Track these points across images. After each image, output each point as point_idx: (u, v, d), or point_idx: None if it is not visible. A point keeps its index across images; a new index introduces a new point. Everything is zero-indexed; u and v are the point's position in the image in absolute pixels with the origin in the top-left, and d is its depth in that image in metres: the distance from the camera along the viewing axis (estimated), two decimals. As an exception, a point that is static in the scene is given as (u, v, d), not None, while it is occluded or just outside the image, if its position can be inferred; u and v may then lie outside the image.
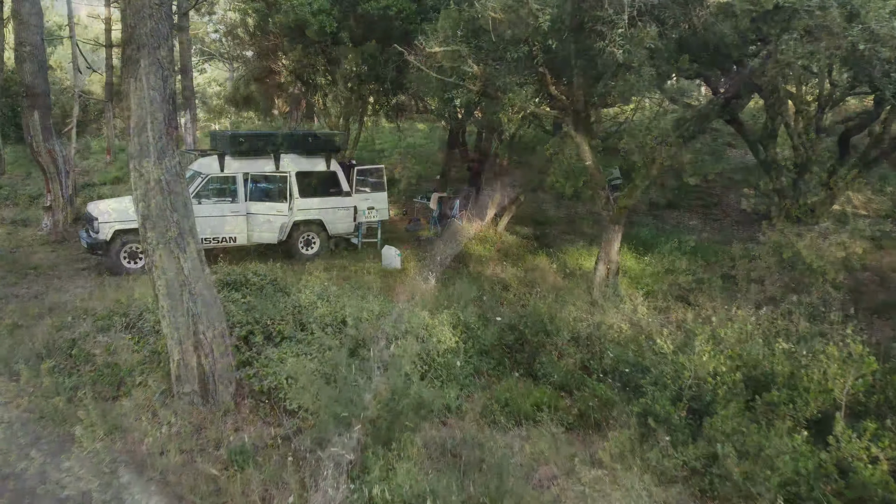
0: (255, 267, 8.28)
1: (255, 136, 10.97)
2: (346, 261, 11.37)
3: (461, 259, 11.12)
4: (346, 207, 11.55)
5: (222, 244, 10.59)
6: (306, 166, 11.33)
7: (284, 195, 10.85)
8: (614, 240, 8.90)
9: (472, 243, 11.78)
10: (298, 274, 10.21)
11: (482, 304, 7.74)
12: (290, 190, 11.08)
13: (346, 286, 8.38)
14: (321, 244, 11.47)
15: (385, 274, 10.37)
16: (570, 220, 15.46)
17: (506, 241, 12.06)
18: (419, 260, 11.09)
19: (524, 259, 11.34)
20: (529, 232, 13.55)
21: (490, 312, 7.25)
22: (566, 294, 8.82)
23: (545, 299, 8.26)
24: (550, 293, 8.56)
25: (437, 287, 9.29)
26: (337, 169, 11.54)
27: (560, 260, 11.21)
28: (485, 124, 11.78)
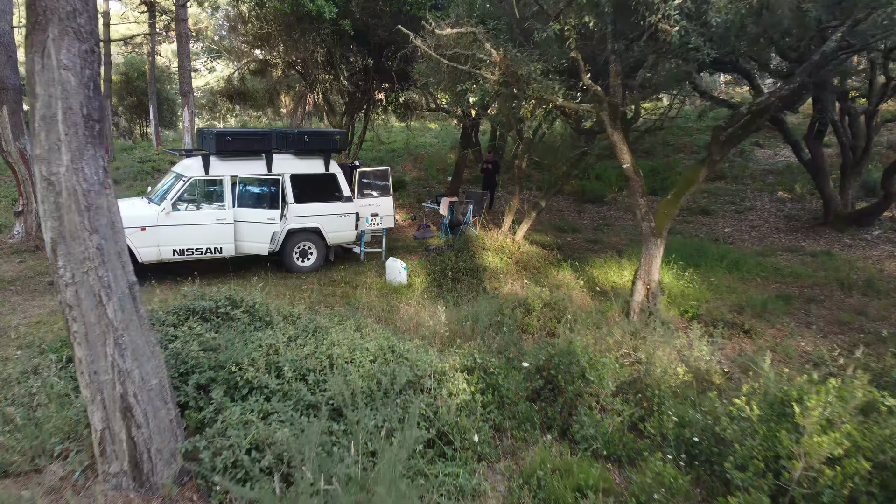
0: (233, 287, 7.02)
1: (244, 134, 9.71)
2: (347, 274, 10.09)
3: (475, 273, 9.80)
4: (347, 214, 10.26)
5: (206, 255, 9.33)
6: (302, 168, 10.06)
7: (277, 200, 9.58)
8: (656, 255, 7.53)
9: (487, 254, 10.46)
10: (290, 290, 8.95)
11: (501, 335, 6.41)
12: (284, 195, 9.82)
13: (339, 310, 7.09)
14: (319, 255, 10.19)
15: (388, 291, 9.08)
16: (595, 228, 14.08)
17: (525, 251, 10.73)
18: (428, 274, 9.78)
19: (546, 273, 9.99)
20: (550, 241, 12.20)
21: (512, 348, 5.92)
22: (599, 319, 7.49)
23: (574, 326, 6.93)
24: (581, 319, 7.22)
25: (447, 309, 7.98)
26: (337, 171, 10.26)
27: (587, 275, 9.85)
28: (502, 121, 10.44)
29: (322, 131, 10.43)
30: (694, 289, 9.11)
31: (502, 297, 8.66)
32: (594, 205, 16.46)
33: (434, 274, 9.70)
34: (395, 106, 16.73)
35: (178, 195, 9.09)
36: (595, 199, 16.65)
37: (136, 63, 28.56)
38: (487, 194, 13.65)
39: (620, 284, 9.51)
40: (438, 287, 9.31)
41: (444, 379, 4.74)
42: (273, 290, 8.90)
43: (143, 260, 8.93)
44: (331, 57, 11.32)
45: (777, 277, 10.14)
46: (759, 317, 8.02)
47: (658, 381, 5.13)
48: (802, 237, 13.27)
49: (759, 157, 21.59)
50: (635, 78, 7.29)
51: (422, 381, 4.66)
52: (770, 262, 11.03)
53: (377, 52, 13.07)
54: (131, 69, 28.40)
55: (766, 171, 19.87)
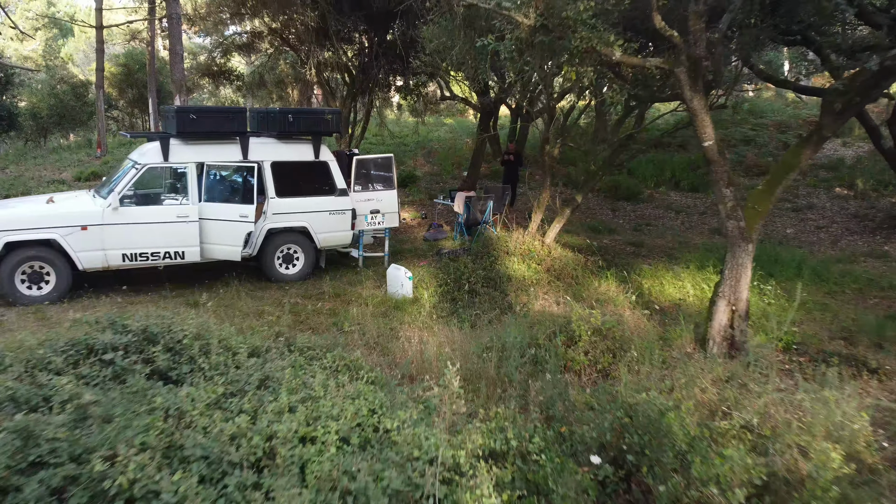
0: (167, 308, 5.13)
1: (213, 111, 7.87)
2: (340, 284, 8.17)
3: (497, 283, 7.83)
4: (342, 211, 8.35)
5: (165, 261, 7.47)
6: (286, 155, 8.16)
7: (253, 194, 7.68)
8: (745, 265, 5.49)
9: (512, 260, 8.48)
10: (265, 305, 7.04)
11: (542, 381, 4.44)
12: (263, 187, 7.94)
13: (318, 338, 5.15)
14: (306, 261, 8.28)
15: (389, 307, 7.13)
16: (635, 228, 12.02)
17: (557, 256, 8.73)
18: (439, 284, 7.83)
19: (586, 284, 7.99)
20: (584, 243, 10.19)
21: (559, 404, 3.95)
22: (668, 353, 5.50)
23: (641, 366, 4.95)
24: (644, 352, 5.23)
25: (462, 331, 6.03)
26: (329, 159, 8.35)
27: (637, 287, 7.83)
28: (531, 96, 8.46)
29: (310, 110, 8.51)
30: (777, 306, 7.06)
31: (533, 316, 6.68)
32: (629, 202, 14.40)
33: (447, 285, 7.75)
34: (405, 92, 14.81)
35: (129, 187, 7.23)
36: (629, 195, 14.58)
37: (137, 55, 26.93)
38: (509, 189, 11.67)
39: (681, 300, 7.48)
40: (452, 301, 7.35)
41: (459, 482, 2.78)
42: (243, 306, 7.01)
43: (84, 267, 7.10)
44: (324, 25, 9.43)
45: (874, 290, 8.03)
46: (878, 347, 5.96)
47: (803, 478, 3.11)
48: (883, 240, 11.11)
49: (805, 150, 19.29)
50: (718, 26, 5.27)
51: (422, 489, 2.71)
52: (857, 270, 8.92)
53: (380, 26, 11.17)
54: (132, 61, 26.76)
55: (816, 165, 17.67)
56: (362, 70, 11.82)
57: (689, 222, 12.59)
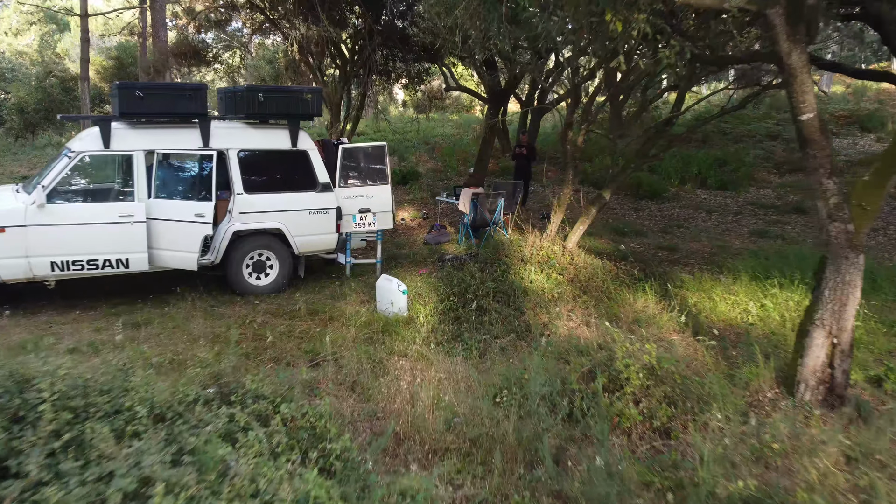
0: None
1: (164, 89, 6.45)
2: (321, 297, 6.73)
3: (511, 298, 6.38)
4: (324, 210, 6.92)
5: (105, 271, 6.06)
6: (257, 142, 6.74)
7: (211, 189, 6.25)
8: (854, 284, 3.99)
9: (529, 269, 7.01)
10: (223, 326, 5.60)
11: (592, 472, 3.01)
12: (231, 180, 6.53)
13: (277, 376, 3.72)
14: (281, 269, 6.85)
15: (378, 329, 5.68)
16: (664, 230, 10.52)
17: (581, 263, 7.27)
18: (441, 299, 6.38)
19: (619, 299, 6.51)
20: (611, 248, 8.72)
21: None
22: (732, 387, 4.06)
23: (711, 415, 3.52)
24: (717, 403, 3.79)
25: (469, 372, 4.58)
26: (309, 148, 6.92)
27: (681, 302, 6.35)
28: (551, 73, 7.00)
29: (285, 88, 7.07)
30: (862, 329, 5.56)
31: (559, 343, 5.23)
32: (653, 201, 12.90)
33: (449, 299, 6.30)
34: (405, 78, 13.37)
35: (59, 180, 5.83)
36: (653, 194, 13.08)
37: (130, 48, 25.59)
38: (521, 185, 10.21)
39: (742, 322, 6.00)
40: (455, 321, 5.90)
41: None
42: (194, 328, 5.58)
43: (2, 278, 5.70)
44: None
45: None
46: None
47: None
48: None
49: (837, 146, 17.83)
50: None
51: None
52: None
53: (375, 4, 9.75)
54: (125, 54, 25.42)
55: (851, 162, 16.12)
56: (356, 51, 10.39)
57: (723, 223, 11.08)
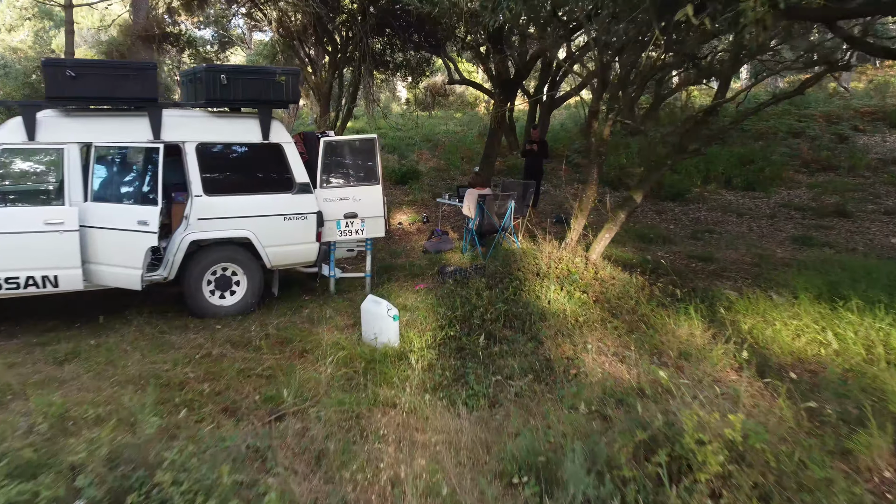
0: None
1: (102, 67, 5.30)
2: (297, 320, 5.56)
3: (526, 323, 5.20)
4: (302, 215, 5.75)
5: (28, 290, 4.90)
6: (219, 134, 5.58)
7: (157, 189, 5.09)
8: None
9: (545, 286, 5.82)
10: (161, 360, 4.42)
11: None
12: (188, 179, 5.38)
13: (177, 482, 2.58)
14: (250, 287, 5.68)
15: (361, 366, 4.50)
16: (693, 236, 9.31)
17: (607, 278, 6.07)
18: (440, 324, 5.20)
19: (657, 325, 5.30)
20: (638, 258, 7.54)
21: None
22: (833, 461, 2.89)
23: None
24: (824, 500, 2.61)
25: (476, 433, 3.41)
26: (284, 141, 5.75)
27: (731, 328, 5.14)
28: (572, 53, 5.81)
29: (254, 68, 5.91)
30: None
31: (591, 388, 4.06)
32: (675, 203, 11.70)
33: (452, 325, 5.13)
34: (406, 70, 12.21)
35: (-33, 178, 4.68)
36: (675, 195, 11.88)
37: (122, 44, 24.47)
38: (533, 186, 9.01)
39: (811, 355, 4.79)
40: (458, 354, 4.73)
41: None
42: (132, 365, 4.43)
43: None
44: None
45: None
46: None
47: None
48: None
49: (866, 143, 16.62)
50: None
51: None
52: None
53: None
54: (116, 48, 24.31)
55: (884, 160, 14.94)
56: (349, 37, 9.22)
57: (758, 228, 9.87)
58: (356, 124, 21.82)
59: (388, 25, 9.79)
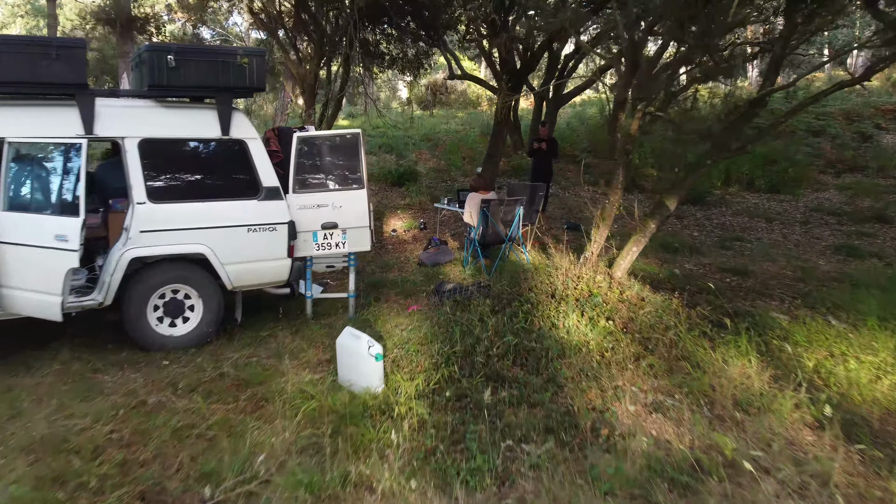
0: None
1: (15, 44, 4.30)
2: (262, 354, 4.56)
3: (541, 360, 4.19)
4: (271, 225, 4.75)
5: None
6: (168, 128, 4.57)
7: (79, 198, 4.10)
8: None
9: (561, 310, 4.81)
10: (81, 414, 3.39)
11: None
12: (128, 183, 4.38)
13: None
14: (206, 313, 4.68)
15: (333, 420, 3.50)
16: (722, 245, 8.28)
17: (634, 301, 5.05)
18: (435, 362, 4.18)
19: (701, 361, 4.28)
20: (663, 271, 6.54)
21: None
22: None
23: None
24: None
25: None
26: (248, 136, 4.75)
27: (792, 366, 4.11)
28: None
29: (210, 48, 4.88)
30: None
31: (633, 459, 3.06)
32: (696, 206, 10.69)
33: (449, 363, 4.12)
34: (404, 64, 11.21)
35: None
36: (695, 198, 10.86)
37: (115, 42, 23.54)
38: (542, 188, 8.00)
39: None
40: (457, 403, 3.73)
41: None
42: (38, 422, 3.43)
43: None
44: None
45: None
46: None
47: None
48: None
49: (890, 142, 15.61)
50: None
51: None
52: None
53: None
54: (108, 46, 23.38)
55: (912, 160, 13.92)
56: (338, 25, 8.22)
57: (792, 236, 8.85)
58: (355, 123, 20.85)
59: (383, 12, 8.80)
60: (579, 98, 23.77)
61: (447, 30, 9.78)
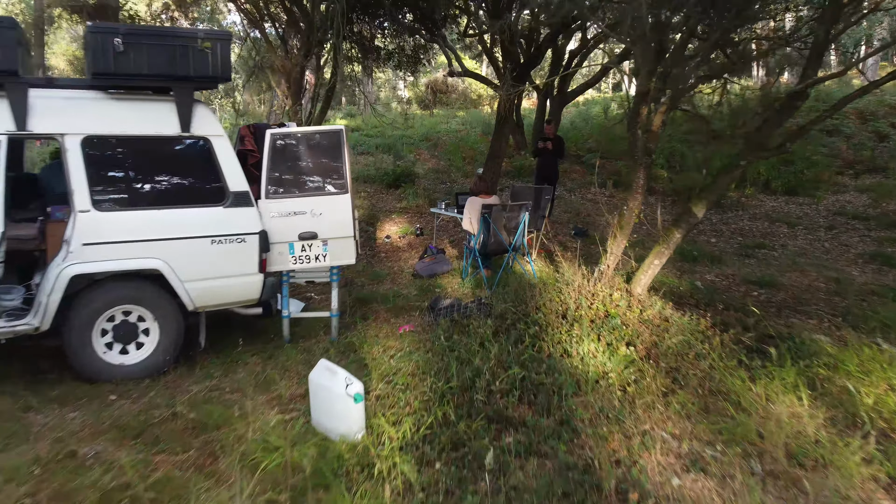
0: None
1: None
2: (228, 384, 3.91)
3: (550, 398, 3.54)
4: (238, 236, 4.10)
5: None
6: (117, 123, 3.91)
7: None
8: None
9: (573, 334, 4.15)
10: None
11: None
12: (69, 188, 3.73)
13: None
14: (163, 338, 4.03)
15: (301, 481, 2.85)
16: (744, 253, 7.62)
17: (657, 322, 4.39)
18: (424, 404, 3.52)
19: (739, 397, 3.62)
20: (681, 283, 5.88)
21: None
22: None
23: None
24: None
25: None
26: (212, 133, 4.09)
27: (844, 400, 3.46)
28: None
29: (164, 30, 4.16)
30: None
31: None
32: (711, 210, 9.98)
33: (444, 402, 3.46)
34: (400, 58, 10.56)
35: None
36: (709, 200, 10.16)
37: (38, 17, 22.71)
38: (549, 191, 7.34)
39: None
40: (453, 454, 3.07)
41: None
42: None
43: None
44: None
45: None
46: None
47: None
48: None
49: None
50: None
51: None
52: None
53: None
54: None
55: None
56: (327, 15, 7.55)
57: (817, 243, 8.18)
58: (353, 123, 20.19)
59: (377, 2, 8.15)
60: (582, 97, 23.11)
61: (446, 21, 9.12)
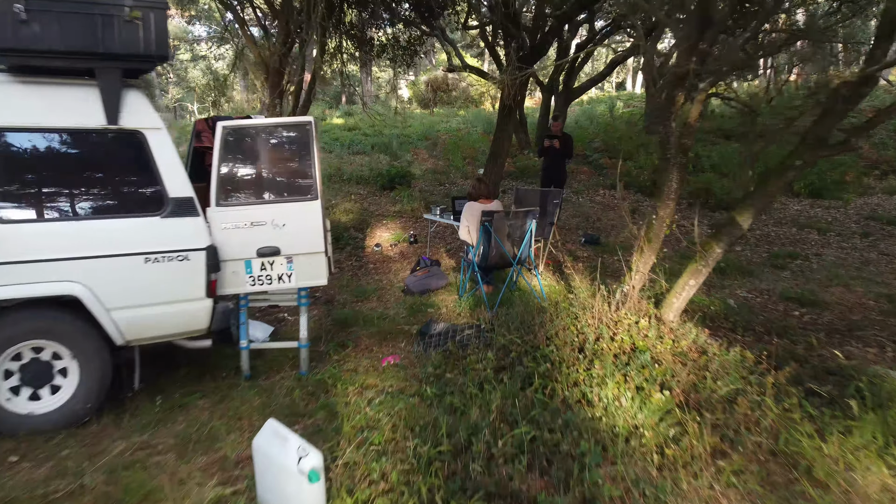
0: None
1: None
2: (160, 439, 3.12)
3: (568, 465, 2.74)
4: (180, 253, 3.30)
5: None
6: (22, 113, 3.10)
7: None
8: None
9: (594, 375, 3.36)
10: None
11: None
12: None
13: None
14: (85, 378, 3.23)
15: None
16: (776, 264, 6.81)
17: (694, 356, 3.60)
18: (407, 475, 2.72)
19: (817, 467, 2.82)
20: (712, 301, 5.09)
21: None
22: None
23: None
24: None
25: None
26: (147, 126, 3.29)
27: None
28: None
29: None
30: None
31: None
32: (726, 212, 9.20)
33: (431, 467, 2.66)
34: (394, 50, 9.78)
35: None
36: (728, 204, 9.39)
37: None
38: (558, 195, 6.52)
39: None
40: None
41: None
42: None
43: None
44: None
45: None
46: None
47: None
48: None
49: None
50: None
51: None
52: None
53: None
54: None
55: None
56: None
57: (855, 252, 7.36)
58: (351, 122, 19.39)
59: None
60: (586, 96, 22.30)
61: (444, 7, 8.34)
